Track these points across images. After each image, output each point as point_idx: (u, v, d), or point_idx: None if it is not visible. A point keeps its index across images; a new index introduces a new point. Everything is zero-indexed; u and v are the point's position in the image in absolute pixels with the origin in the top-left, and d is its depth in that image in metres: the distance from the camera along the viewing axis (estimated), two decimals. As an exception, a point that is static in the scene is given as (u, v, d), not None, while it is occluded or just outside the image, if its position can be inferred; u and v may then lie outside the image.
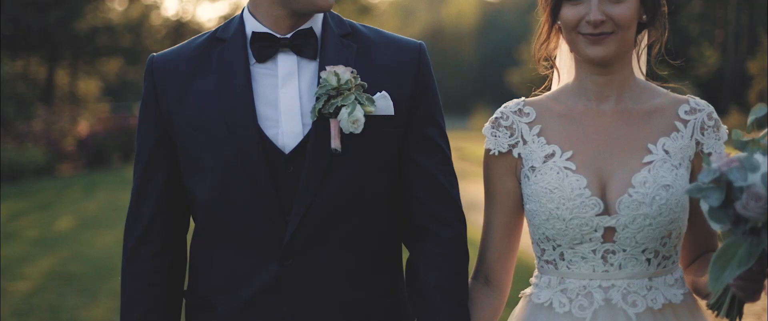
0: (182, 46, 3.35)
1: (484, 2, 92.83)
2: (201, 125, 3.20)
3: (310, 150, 3.14)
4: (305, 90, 3.20)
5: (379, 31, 3.40)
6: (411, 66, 3.29)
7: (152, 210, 3.31)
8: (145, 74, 3.34)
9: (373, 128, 3.16)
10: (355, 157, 3.18)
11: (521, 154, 3.31)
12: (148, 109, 3.29)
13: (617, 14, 3.16)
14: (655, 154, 3.22)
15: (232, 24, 3.30)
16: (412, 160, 3.28)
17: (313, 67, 3.22)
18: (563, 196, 3.19)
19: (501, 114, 3.36)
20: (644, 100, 3.32)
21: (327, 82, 3.12)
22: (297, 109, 3.18)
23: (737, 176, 2.79)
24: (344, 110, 3.10)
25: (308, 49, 3.21)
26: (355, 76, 3.16)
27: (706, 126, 3.28)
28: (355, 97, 3.12)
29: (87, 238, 15.00)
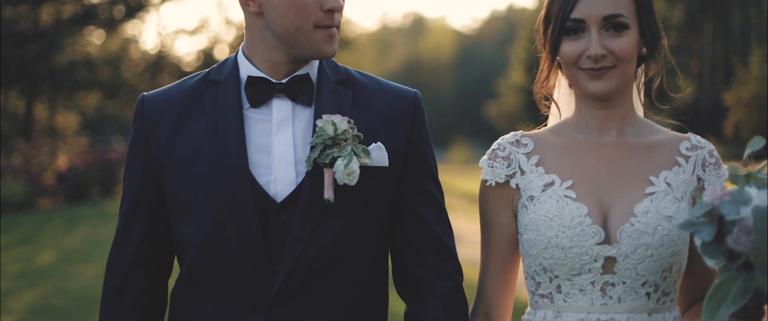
0: (174, 86, 3.30)
1: (461, 35, 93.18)
2: (191, 169, 3.13)
3: (302, 200, 3.09)
4: (299, 137, 3.15)
5: (374, 78, 3.35)
6: (406, 116, 3.26)
7: (135, 251, 3.24)
8: (135, 114, 3.28)
9: (367, 179, 3.12)
10: (348, 208, 3.12)
11: (519, 185, 3.28)
12: (137, 150, 3.23)
13: (617, 48, 3.15)
14: (657, 186, 3.19)
15: (226, 66, 3.25)
16: (408, 210, 3.25)
17: (308, 113, 3.17)
18: (563, 223, 3.15)
19: (498, 145, 3.33)
20: (645, 135, 3.30)
21: (323, 132, 3.07)
22: (291, 156, 3.12)
23: (729, 210, 2.77)
24: (340, 161, 3.05)
25: (304, 95, 3.16)
26: (352, 126, 3.11)
27: (708, 163, 3.26)
28: (351, 148, 3.07)
29: (69, 272, 14.95)
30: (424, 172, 3.28)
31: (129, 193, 3.25)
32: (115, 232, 3.29)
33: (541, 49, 3.31)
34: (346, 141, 3.07)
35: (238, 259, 3.10)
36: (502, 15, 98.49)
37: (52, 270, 15.41)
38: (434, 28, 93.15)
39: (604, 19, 3.14)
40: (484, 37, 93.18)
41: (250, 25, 3.18)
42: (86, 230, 21.12)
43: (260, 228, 3.08)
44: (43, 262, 16.47)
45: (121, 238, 3.26)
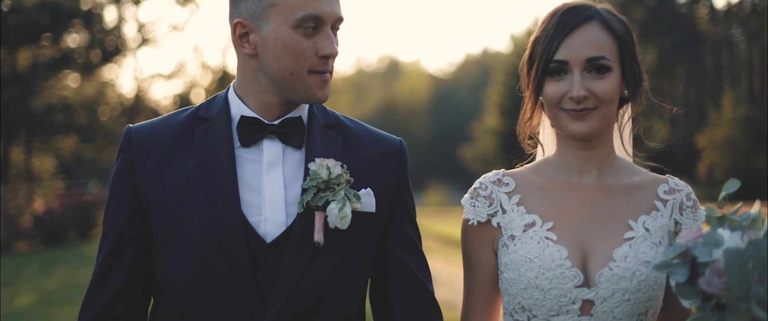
0: (161, 120, 3.28)
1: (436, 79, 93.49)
2: (181, 205, 3.11)
3: (292, 241, 3.09)
4: (289, 179, 3.16)
5: (361, 123, 3.39)
6: (393, 163, 3.31)
7: (117, 287, 3.19)
8: (121, 146, 3.24)
9: (355, 224, 3.13)
10: (336, 251, 3.13)
11: (500, 223, 3.29)
12: (123, 183, 3.20)
13: (599, 90, 3.17)
14: (636, 231, 3.20)
15: (216, 104, 3.25)
16: (392, 255, 3.28)
17: (298, 155, 3.18)
18: (543, 265, 3.16)
19: (479, 184, 3.35)
20: (624, 177, 3.31)
21: (317, 175, 3.09)
22: (281, 197, 3.13)
23: (701, 252, 2.79)
24: (334, 205, 3.07)
25: (295, 138, 3.17)
26: (345, 171, 3.14)
27: (685, 206, 3.28)
28: (344, 192, 3.10)
29: (47, 314, 14.99)
30: (407, 219, 3.33)
31: (113, 228, 3.20)
32: (94, 267, 3.24)
33: (525, 88, 3.33)
34: (339, 185, 3.10)
35: (226, 297, 3.09)
36: (477, 59, 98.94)
37: (31, 312, 15.46)
38: (409, 72, 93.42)
39: (587, 61, 3.17)
40: (458, 80, 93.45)
41: (244, 65, 3.19)
42: (64, 272, 21.10)
43: (250, 267, 3.07)
44: (22, 304, 16.48)
45: (102, 274, 3.21)
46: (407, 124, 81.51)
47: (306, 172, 3.13)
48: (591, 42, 3.17)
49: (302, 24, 3.07)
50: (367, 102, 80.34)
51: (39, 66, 34.52)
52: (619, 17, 3.26)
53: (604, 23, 3.21)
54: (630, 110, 3.38)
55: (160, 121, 3.28)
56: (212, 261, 3.08)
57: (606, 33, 3.20)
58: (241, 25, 3.13)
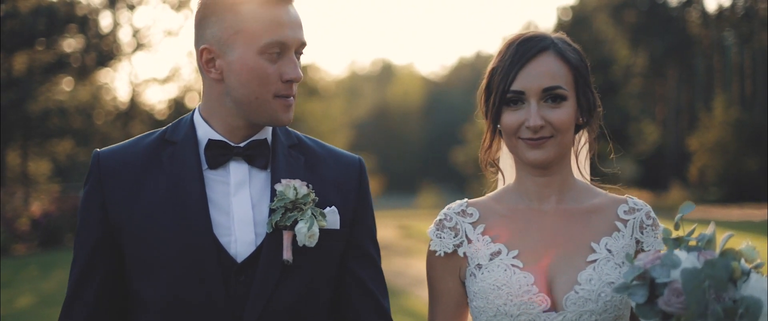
0: (129, 144, 3.32)
1: (429, 82, 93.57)
2: (153, 227, 3.15)
3: (262, 260, 3.16)
4: (256, 199, 3.22)
5: (321, 143, 3.46)
6: (354, 182, 3.39)
7: (89, 311, 3.22)
8: (90, 170, 3.26)
9: (322, 241, 3.20)
10: (304, 268, 3.21)
11: (466, 253, 3.34)
12: (93, 207, 3.23)
13: (555, 119, 3.23)
14: (599, 253, 3.25)
15: (182, 126, 3.30)
16: (351, 272, 3.36)
17: (264, 176, 3.25)
18: (511, 292, 3.21)
19: (444, 216, 3.41)
20: (584, 200, 3.37)
21: (284, 196, 3.16)
22: (250, 218, 3.19)
23: (659, 273, 2.86)
24: (303, 224, 3.13)
25: (260, 160, 3.24)
26: (310, 191, 3.20)
27: (645, 225, 3.34)
28: (311, 212, 3.16)
29: (47, 315, 15.15)
30: (367, 236, 3.41)
31: (84, 250, 3.23)
32: (67, 290, 3.26)
33: (483, 117, 3.39)
34: (305, 205, 3.17)
35: (201, 317, 3.15)
36: (470, 62, 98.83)
37: (31, 313, 15.71)
38: (402, 75, 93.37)
39: (543, 91, 3.23)
40: (451, 83, 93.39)
41: (210, 89, 3.25)
42: (62, 274, 21.17)
43: (222, 287, 3.13)
44: (22, 305, 16.68)
45: (74, 296, 3.24)
46: (400, 126, 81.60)
47: (272, 193, 3.21)
48: (546, 72, 3.24)
49: (267, 50, 3.14)
50: (361, 105, 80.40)
51: (35, 70, 34.59)
52: (574, 46, 3.34)
53: (560, 53, 3.27)
54: (585, 136, 3.44)
55: (127, 145, 3.32)
56: (186, 282, 3.14)
57: (561, 63, 3.26)
58: (208, 51, 3.19)
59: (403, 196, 62.17)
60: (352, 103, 73.04)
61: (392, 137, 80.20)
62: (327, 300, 3.33)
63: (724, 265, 2.84)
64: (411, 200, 55.91)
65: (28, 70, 34.53)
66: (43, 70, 34.89)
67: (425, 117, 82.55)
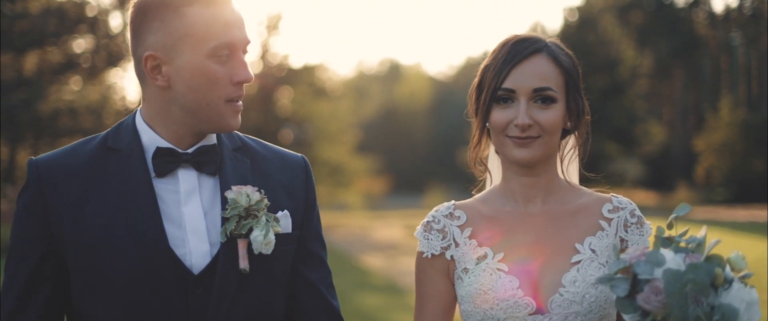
0: (68, 151, 3.18)
1: (436, 82, 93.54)
2: (104, 240, 3.02)
3: (219, 271, 3.07)
4: (207, 207, 3.13)
5: (264, 143, 3.38)
6: (301, 182, 3.32)
7: None
8: (28, 181, 3.11)
9: (277, 247, 3.14)
10: (262, 275, 3.14)
11: (454, 256, 3.35)
12: (33, 221, 3.07)
13: (543, 120, 3.25)
14: (583, 254, 3.27)
15: (124, 133, 3.15)
16: (301, 275, 3.30)
17: (213, 183, 3.15)
18: (497, 297, 3.22)
19: (432, 218, 3.41)
20: (569, 201, 3.39)
21: (237, 203, 3.07)
22: (202, 227, 3.10)
23: (643, 269, 2.86)
24: (258, 232, 3.06)
25: (209, 166, 3.13)
26: (262, 197, 3.11)
27: (630, 223, 3.36)
28: (265, 218, 3.09)
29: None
30: (313, 236, 3.35)
31: (23, 268, 3.07)
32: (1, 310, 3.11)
33: (473, 115, 3.42)
34: (259, 211, 3.09)
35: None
36: (477, 61, 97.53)
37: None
38: (410, 75, 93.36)
39: (534, 91, 3.26)
40: (459, 83, 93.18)
41: (155, 96, 3.11)
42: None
43: (181, 300, 3.05)
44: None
45: (14, 317, 3.09)
46: (408, 126, 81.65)
47: (223, 200, 3.12)
48: (538, 73, 3.27)
49: (217, 52, 3.04)
50: (368, 106, 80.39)
51: (45, 70, 34.77)
52: (567, 51, 3.36)
53: (552, 56, 3.30)
54: (572, 141, 3.46)
55: (66, 152, 3.18)
56: (142, 297, 3.03)
57: (553, 65, 3.29)
58: (153, 58, 3.05)
59: (410, 196, 62.25)
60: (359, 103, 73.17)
61: (399, 137, 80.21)
62: (283, 304, 3.28)
63: (708, 269, 2.83)
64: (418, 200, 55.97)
65: (38, 70, 34.72)
66: (54, 70, 35.07)
67: (432, 117, 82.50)
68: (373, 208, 50.15)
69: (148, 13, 3.05)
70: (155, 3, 3.04)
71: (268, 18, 43.51)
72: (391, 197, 61.13)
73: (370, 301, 16.73)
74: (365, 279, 20.11)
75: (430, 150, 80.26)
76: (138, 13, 3.08)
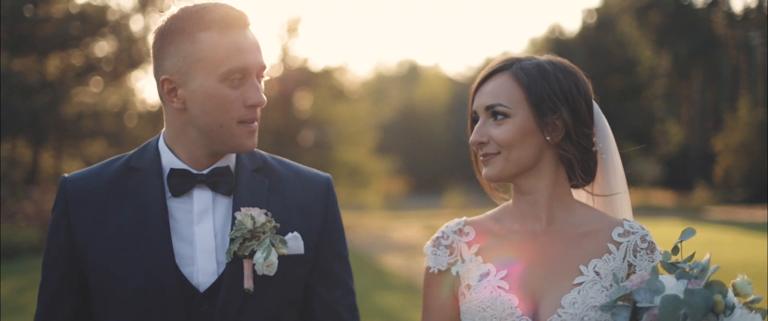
0: (96, 170, 3.28)
1: (455, 82, 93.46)
2: (115, 258, 3.11)
3: (224, 290, 3.11)
4: (219, 227, 3.17)
5: (288, 164, 3.40)
6: (320, 203, 3.33)
7: None
8: (57, 198, 3.23)
9: (284, 268, 3.16)
10: (268, 296, 3.16)
11: (459, 272, 3.34)
12: (59, 236, 3.18)
13: (495, 135, 3.22)
14: (586, 276, 3.22)
15: (148, 153, 3.25)
16: (316, 293, 3.30)
17: (228, 203, 3.19)
18: (495, 314, 3.19)
19: (442, 234, 3.40)
20: (578, 222, 3.32)
21: (242, 225, 3.09)
22: (212, 247, 3.14)
23: (642, 297, 2.82)
24: (260, 254, 3.07)
25: (224, 186, 3.18)
26: (269, 218, 3.14)
27: (640, 248, 3.28)
28: (269, 240, 3.10)
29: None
30: (333, 256, 3.34)
31: (51, 279, 3.20)
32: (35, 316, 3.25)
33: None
34: (264, 234, 3.11)
35: None
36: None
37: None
38: (428, 76, 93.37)
39: (486, 109, 3.25)
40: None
41: (173, 118, 3.19)
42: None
43: (185, 317, 3.10)
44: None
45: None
46: (426, 127, 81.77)
47: (233, 220, 3.16)
48: (492, 91, 3.26)
49: (229, 77, 3.08)
50: (387, 106, 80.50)
51: (68, 74, 35.06)
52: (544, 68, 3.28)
53: (513, 73, 3.27)
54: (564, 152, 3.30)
55: (94, 172, 3.28)
56: (148, 313, 3.10)
57: (511, 82, 3.25)
58: (169, 82, 3.12)
59: (429, 197, 62.41)
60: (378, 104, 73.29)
61: (418, 138, 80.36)
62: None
63: (705, 296, 2.78)
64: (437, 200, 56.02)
65: (61, 73, 35.05)
66: (76, 73, 35.38)
67: (451, 117, 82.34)
68: (392, 208, 50.26)
69: (166, 39, 3.13)
70: (172, 29, 3.12)
71: (288, 21, 43.73)
72: (410, 198, 61.30)
73: (388, 300, 16.93)
74: (384, 279, 20.31)
75: (449, 150, 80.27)
76: (157, 38, 3.16)
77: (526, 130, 3.23)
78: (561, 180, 3.34)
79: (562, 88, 3.26)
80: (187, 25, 3.09)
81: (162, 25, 3.14)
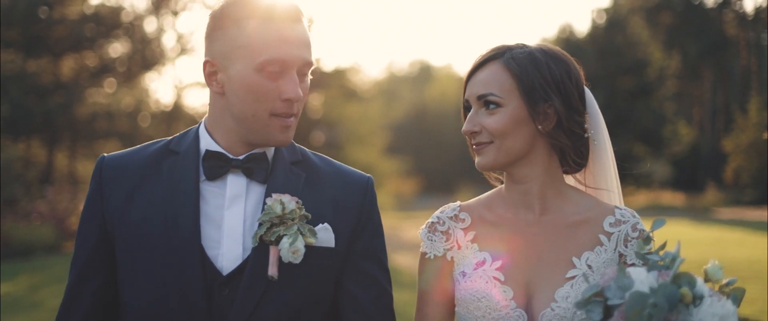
0: (135, 150, 3.27)
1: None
2: (143, 235, 3.09)
3: (247, 274, 3.06)
4: (250, 213, 3.13)
5: (330, 161, 3.36)
6: (357, 201, 3.26)
7: (84, 312, 3.18)
8: (93, 174, 3.23)
9: (312, 259, 3.10)
10: (291, 285, 3.09)
11: (454, 258, 3.30)
12: (93, 210, 3.19)
13: (487, 124, 3.21)
14: (579, 269, 3.19)
15: (188, 138, 3.23)
16: (347, 292, 3.23)
17: (261, 191, 3.15)
18: (489, 305, 3.17)
19: (437, 219, 3.36)
20: (572, 212, 3.29)
21: (271, 210, 3.04)
22: (240, 232, 3.10)
23: (613, 294, 2.77)
24: (286, 239, 3.02)
25: (259, 173, 3.15)
26: (299, 206, 3.08)
27: (631, 237, 3.24)
28: (297, 227, 3.04)
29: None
30: (369, 256, 3.26)
31: (81, 253, 3.20)
32: (65, 289, 3.25)
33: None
34: (293, 220, 3.05)
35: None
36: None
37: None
38: (440, 76, 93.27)
39: (478, 98, 3.24)
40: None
41: (214, 102, 3.19)
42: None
43: (204, 300, 3.05)
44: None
45: (72, 297, 3.21)
46: (437, 127, 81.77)
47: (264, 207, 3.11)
48: (483, 80, 3.25)
49: (266, 67, 3.04)
50: (399, 108, 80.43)
51: (82, 75, 35.30)
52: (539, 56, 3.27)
53: (505, 62, 3.25)
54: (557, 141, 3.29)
55: (132, 152, 3.28)
56: (169, 291, 3.07)
57: (503, 70, 3.24)
58: (210, 64, 3.13)
59: (440, 196, 62.42)
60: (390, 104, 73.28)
61: (430, 138, 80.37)
62: (317, 320, 3.22)
63: (669, 291, 2.74)
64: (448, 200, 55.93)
65: (75, 74, 35.31)
66: (90, 74, 35.62)
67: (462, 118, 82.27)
68: (404, 208, 50.37)
69: (216, 22, 3.12)
70: (223, 13, 3.11)
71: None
72: (421, 198, 61.41)
73: (399, 297, 17.11)
74: (395, 277, 20.44)
75: (460, 150, 79.91)
76: (209, 22, 3.17)
77: (518, 120, 3.22)
78: (554, 168, 3.32)
79: (554, 76, 3.24)
80: (236, 11, 3.08)
81: (216, 9, 3.15)
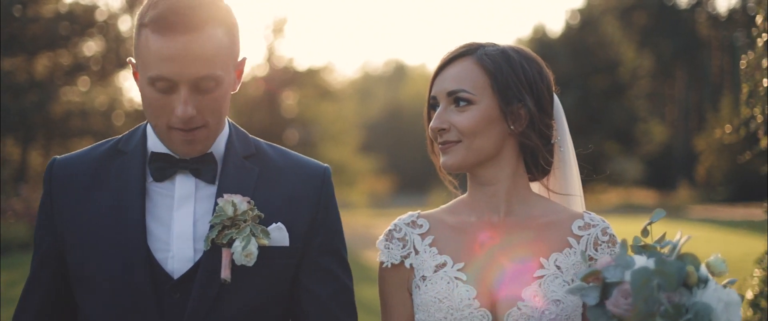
0: (85, 152, 3.20)
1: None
2: (92, 240, 3.03)
3: (199, 278, 2.98)
4: (201, 214, 3.04)
5: (286, 152, 3.25)
6: (313, 194, 3.15)
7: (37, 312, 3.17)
8: (44, 178, 3.17)
9: (266, 259, 3.02)
10: (245, 287, 3.01)
11: (413, 265, 3.21)
12: (44, 215, 3.15)
13: (458, 122, 3.10)
14: (547, 269, 3.12)
15: (135, 136, 3.14)
16: (305, 288, 3.14)
17: (212, 191, 3.06)
18: (452, 306, 3.09)
19: (394, 226, 3.26)
20: (538, 215, 3.21)
21: (222, 212, 2.96)
22: (190, 233, 3.02)
23: (612, 273, 2.73)
24: (238, 243, 2.94)
25: (207, 173, 3.05)
26: (252, 206, 3.00)
27: (600, 241, 3.18)
28: (250, 229, 2.96)
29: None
30: (327, 250, 3.17)
31: (37, 254, 3.17)
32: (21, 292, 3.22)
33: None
34: (245, 222, 2.98)
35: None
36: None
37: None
38: (415, 76, 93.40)
39: (448, 95, 3.13)
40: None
41: None
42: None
43: (155, 304, 2.99)
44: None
45: (23, 301, 3.20)
46: (412, 127, 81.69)
47: (215, 209, 3.03)
48: (454, 76, 3.15)
49: (154, 82, 2.89)
50: (373, 107, 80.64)
51: (56, 73, 35.25)
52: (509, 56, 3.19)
53: (478, 59, 3.16)
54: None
55: (83, 154, 3.20)
56: (119, 296, 3.00)
57: (475, 67, 3.15)
58: (133, 65, 3.04)
59: (414, 195, 62.55)
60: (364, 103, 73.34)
61: (404, 137, 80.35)
62: (275, 318, 3.16)
63: (677, 266, 2.70)
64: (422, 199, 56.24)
65: (49, 72, 35.24)
66: (65, 72, 35.56)
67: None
68: (377, 206, 50.53)
69: (137, 22, 2.99)
70: (138, 14, 2.99)
71: (274, 22, 44.09)
72: (395, 196, 61.53)
73: (369, 293, 17.34)
74: (367, 273, 20.62)
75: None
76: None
77: (489, 118, 3.13)
78: (520, 172, 3.25)
79: (527, 76, 3.17)
80: (141, 15, 2.95)
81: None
